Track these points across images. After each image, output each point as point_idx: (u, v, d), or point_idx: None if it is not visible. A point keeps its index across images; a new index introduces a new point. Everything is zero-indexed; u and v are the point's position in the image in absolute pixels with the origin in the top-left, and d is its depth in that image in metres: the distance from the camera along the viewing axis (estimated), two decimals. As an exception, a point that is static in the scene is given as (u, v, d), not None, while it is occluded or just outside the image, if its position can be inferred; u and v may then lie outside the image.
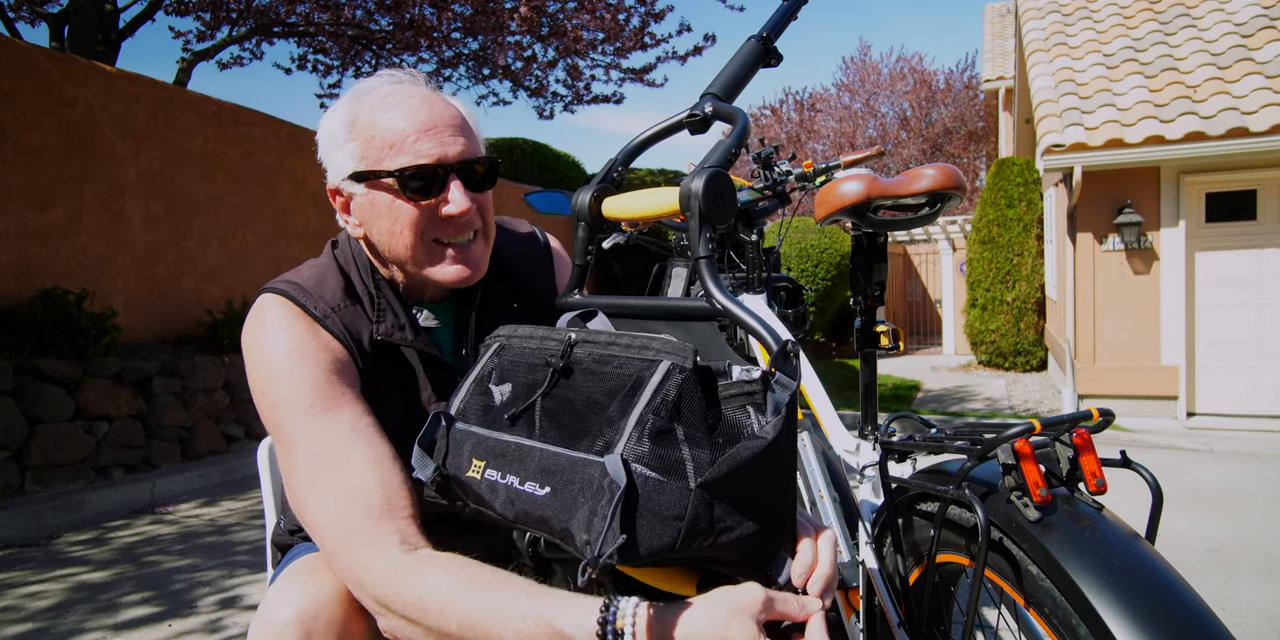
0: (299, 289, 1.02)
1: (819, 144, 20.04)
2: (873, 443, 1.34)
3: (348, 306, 1.03)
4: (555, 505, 0.74)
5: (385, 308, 1.05)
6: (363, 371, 1.01)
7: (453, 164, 0.99)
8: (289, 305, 1.00)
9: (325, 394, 0.95)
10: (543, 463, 0.77)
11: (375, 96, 1.01)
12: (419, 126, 0.98)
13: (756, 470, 0.71)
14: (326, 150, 1.04)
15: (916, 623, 1.11)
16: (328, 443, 0.92)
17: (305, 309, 1.00)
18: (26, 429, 4.06)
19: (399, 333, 1.04)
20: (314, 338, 0.98)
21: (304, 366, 0.96)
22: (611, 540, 0.67)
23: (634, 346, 0.78)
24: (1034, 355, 9.49)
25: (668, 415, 0.71)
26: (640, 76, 9.08)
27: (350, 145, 1.01)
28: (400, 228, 1.00)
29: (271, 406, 0.96)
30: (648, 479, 0.69)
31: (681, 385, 0.72)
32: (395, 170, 0.97)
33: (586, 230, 0.97)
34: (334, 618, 0.86)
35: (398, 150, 0.98)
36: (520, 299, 1.14)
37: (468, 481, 0.84)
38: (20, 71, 4.68)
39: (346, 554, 0.86)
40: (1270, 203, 6.45)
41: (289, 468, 0.94)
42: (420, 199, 0.99)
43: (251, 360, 0.99)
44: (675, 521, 0.68)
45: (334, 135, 1.03)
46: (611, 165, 1.00)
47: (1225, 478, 4.57)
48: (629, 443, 0.71)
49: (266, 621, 0.85)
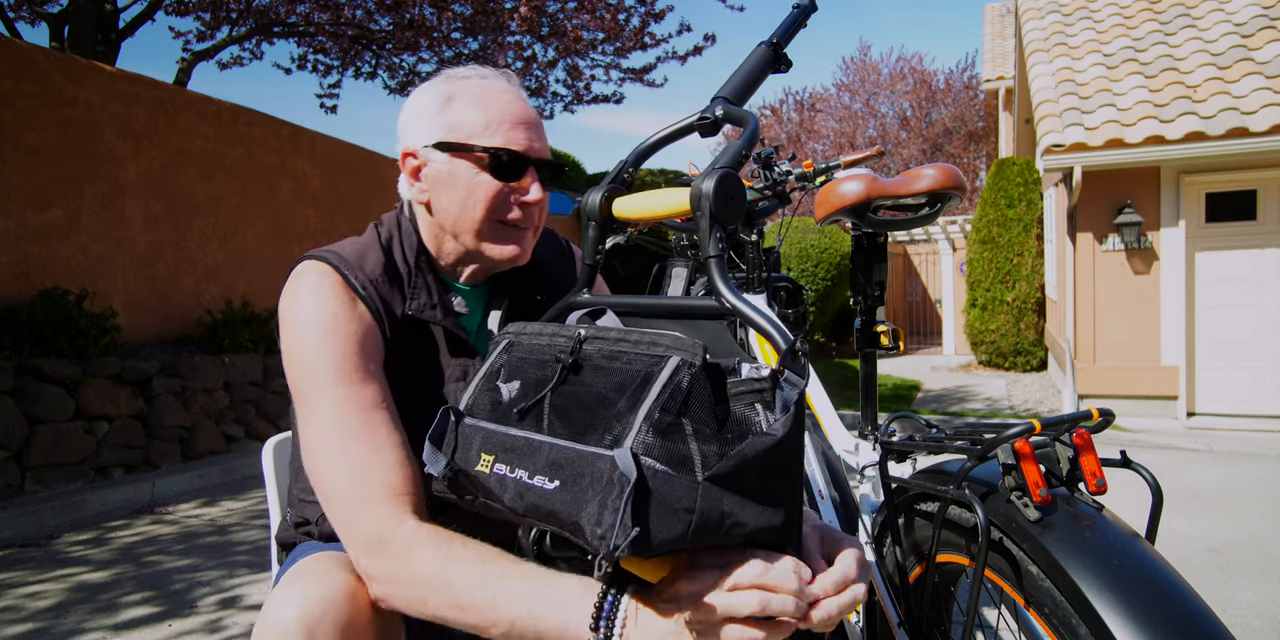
0: (341, 259, 1.06)
1: (819, 144, 20.05)
2: (873, 443, 1.34)
3: (385, 282, 1.07)
4: (565, 498, 0.75)
5: (421, 286, 1.09)
6: (390, 346, 1.04)
7: (535, 158, 1.07)
8: (331, 274, 1.04)
9: (356, 365, 0.98)
10: (552, 457, 0.78)
11: (476, 82, 1.09)
12: (514, 118, 1.06)
13: (765, 467, 0.71)
14: (412, 118, 1.10)
15: (916, 623, 1.11)
16: (351, 413, 0.95)
17: (346, 279, 1.04)
18: (26, 429, 4.06)
19: (430, 311, 1.08)
20: (351, 308, 1.02)
21: (339, 336, 0.99)
22: (624, 533, 0.67)
23: (643, 342, 0.79)
24: (1034, 355, 9.50)
25: (676, 410, 0.72)
26: (640, 76, 9.08)
27: (443, 117, 1.07)
28: (475, 201, 1.06)
29: (302, 369, 0.98)
30: (657, 472, 0.69)
31: (690, 381, 0.73)
32: (490, 148, 1.04)
33: (597, 230, 0.98)
34: (339, 619, 0.86)
35: (492, 132, 1.05)
36: (544, 292, 1.19)
37: (477, 476, 0.85)
38: (20, 71, 4.68)
39: (353, 519, 0.89)
40: (1270, 203, 6.46)
41: (310, 431, 0.96)
42: (502, 179, 1.06)
43: (288, 324, 1.01)
44: (685, 514, 0.69)
45: (426, 106, 1.09)
46: (622, 166, 1.00)
47: (1225, 478, 4.57)
48: (638, 436, 0.71)
49: (270, 622, 0.85)
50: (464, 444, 0.88)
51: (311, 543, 1.12)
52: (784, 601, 0.71)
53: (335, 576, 0.89)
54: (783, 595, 0.72)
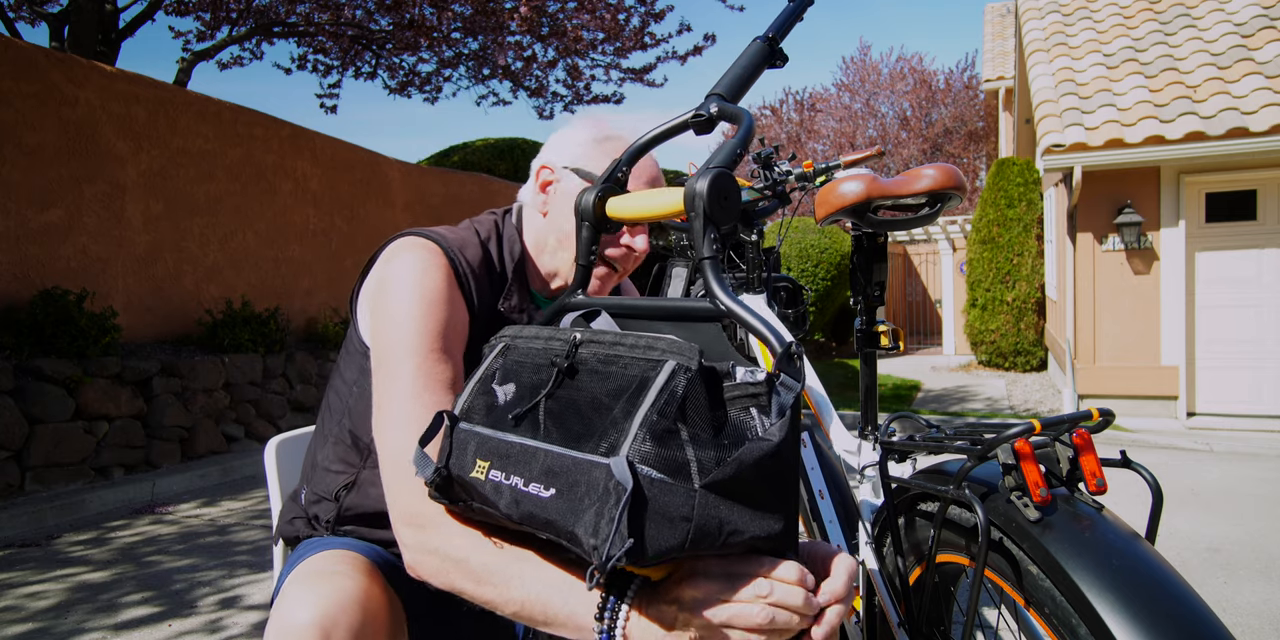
0: (448, 243, 1.08)
1: (819, 144, 20.05)
2: (873, 443, 1.34)
3: (481, 275, 1.10)
4: (561, 507, 0.74)
5: (514, 290, 1.14)
6: (472, 338, 1.07)
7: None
8: (440, 255, 1.06)
9: (447, 345, 1.01)
10: (547, 464, 0.77)
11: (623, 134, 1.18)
12: (650, 176, 1.14)
13: (762, 473, 0.71)
14: (565, 139, 1.17)
15: (916, 623, 1.11)
16: (431, 389, 0.97)
17: (453, 262, 1.07)
18: (26, 429, 4.07)
19: (518, 315, 1.13)
20: (452, 290, 1.05)
21: (439, 312, 1.02)
22: (619, 543, 0.67)
23: (639, 347, 0.78)
24: (1034, 355, 9.50)
25: (673, 416, 0.71)
26: (640, 76, 9.08)
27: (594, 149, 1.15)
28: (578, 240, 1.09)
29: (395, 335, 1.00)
30: (653, 480, 0.69)
31: (686, 386, 0.72)
32: None
33: (590, 230, 0.97)
34: (353, 622, 0.86)
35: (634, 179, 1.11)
36: None
37: (472, 482, 0.84)
38: (20, 71, 4.68)
39: (402, 488, 0.91)
40: (1270, 203, 6.46)
41: (387, 394, 0.97)
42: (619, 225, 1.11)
43: (391, 291, 1.03)
44: (683, 523, 0.68)
45: (585, 134, 1.17)
46: (616, 165, 1.00)
47: (1225, 478, 4.57)
48: (634, 444, 0.70)
49: (284, 625, 0.85)
50: (459, 449, 0.87)
51: (318, 538, 1.13)
52: (789, 618, 0.71)
53: (350, 579, 0.90)
54: (788, 613, 0.71)
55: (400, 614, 1.01)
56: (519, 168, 11.11)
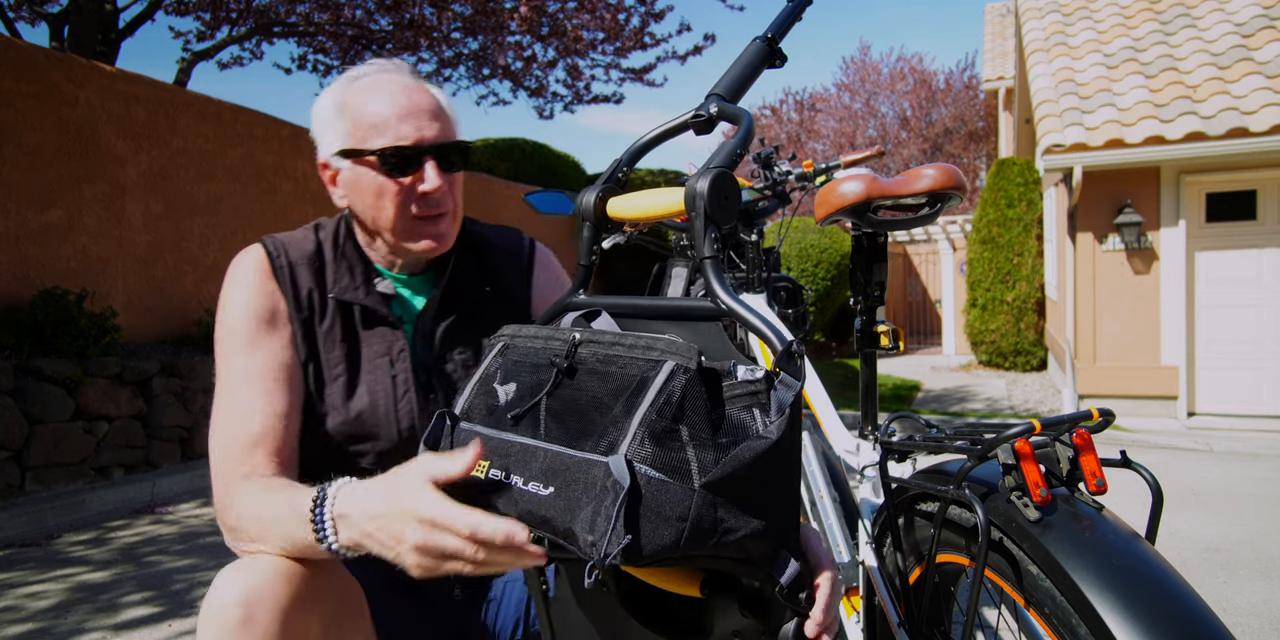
0: (275, 243, 1.16)
1: (819, 144, 20.05)
2: (873, 443, 1.34)
3: (307, 265, 1.16)
4: (558, 505, 0.75)
5: (344, 272, 1.17)
6: (305, 325, 1.13)
7: (428, 146, 1.10)
8: (260, 254, 1.15)
9: (250, 338, 1.10)
10: (547, 463, 0.78)
11: (364, 82, 1.13)
12: (400, 112, 1.09)
13: (760, 471, 0.71)
14: (319, 128, 1.15)
15: (916, 623, 1.11)
16: (235, 378, 1.08)
17: (270, 258, 1.14)
18: (26, 429, 4.06)
19: (351, 292, 1.15)
20: (263, 285, 1.12)
21: (245, 312, 1.10)
22: (616, 540, 0.67)
23: (638, 347, 0.78)
24: (1034, 355, 9.50)
25: (672, 416, 0.72)
26: (640, 76, 9.08)
27: (340, 124, 1.12)
28: (382, 203, 1.11)
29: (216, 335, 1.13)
30: (651, 479, 0.69)
31: (685, 386, 0.73)
32: (377, 150, 1.08)
33: (591, 230, 0.97)
34: (276, 598, 0.89)
35: (379, 132, 1.08)
36: (492, 283, 1.25)
37: (472, 480, 0.84)
38: (20, 71, 4.68)
39: (215, 481, 1.03)
40: (1270, 203, 6.46)
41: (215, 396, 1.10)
42: (399, 176, 1.10)
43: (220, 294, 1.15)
44: (679, 522, 0.69)
45: (326, 114, 1.14)
46: (617, 165, 0.99)
47: (1225, 478, 4.57)
48: (633, 443, 0.71)
49: (212, 602, 0.89)
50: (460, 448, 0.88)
51: None
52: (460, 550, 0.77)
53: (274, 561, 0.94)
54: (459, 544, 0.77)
55: (357, 597, 1.04)
56: (519, 168, 11.10)
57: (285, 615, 0.89)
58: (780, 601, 0.77)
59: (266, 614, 0.88)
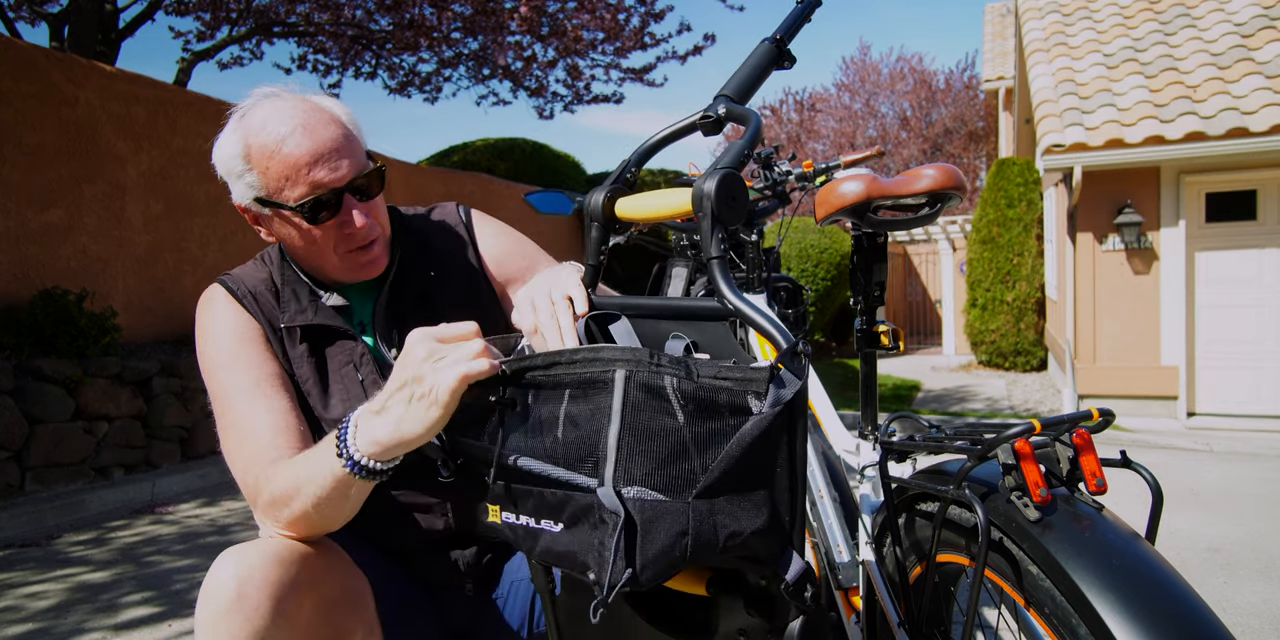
0: (232, 278, 1.21)
1: (819, 144, 20.05)
2: (873, 443, 1.33)
3: (267, 291, 1.20)
4: (568, 539, 0.76)
5: (290, 298, 1.20)
6: (280, 346, 1.17)
7: (344, 186, 1.11)
8: (219, 289, 1.20)
9: (234, 355, 1.13)
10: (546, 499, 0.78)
11: (257, 123, 1.12)
12: (308, 157, 1.09)
13: (755, 463, 0.71)
14: (226, 175, 1.18)
15: (916, 623, 1.11)
16: (234, 396, 1.10)
17: (232, 292, 1.18)
18: (26, 429, 4.06)
19: (301, 316, 1.18)
20: (238, 313, 1.17)
21: (228, 334, 1.15)
22: (619, 571, 0.68)
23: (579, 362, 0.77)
24: (1034, 355, 9.50)
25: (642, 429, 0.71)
26: (640, 76, 9.08)
27: (249, 175, 1.13)
28: (313, 248, 1.15)
29: (203, 369, 1.16)
30: (644, 502, 0.69)
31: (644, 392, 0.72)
32: (296, 204, 1.10)
33: (600, 230, 0.97)
34: (269, 579, 0.92)
35: (293, 182, 1.09)
36: (437, 267, 1.26)
37: (492, 527, 0.85)
38: (20, 71, 4.68)
39: (241, 480, 1.05)
40: (1270, 203, 6.46)
41: (215, 414, 1.13)
42: (323, 222, 1.12)
43: (196, 333, 1.19)
44: (679, 537, 0.69)
45: (230, 164, 1.15)
46: (625, 166, 0.99)
47: (1225, 478, 4.57)
48: (615, 470, 0.71)
49: (208, 581, 0.93)
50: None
51: None
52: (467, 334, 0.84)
53: (266, 543, 0.97)
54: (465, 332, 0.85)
55: (360, 587, 1.06)
56: (519, 168, 11.10)
57: (277, 595, 0.91)
58: (786, 599, 0.77)
59: (258, 593, 0.90)
